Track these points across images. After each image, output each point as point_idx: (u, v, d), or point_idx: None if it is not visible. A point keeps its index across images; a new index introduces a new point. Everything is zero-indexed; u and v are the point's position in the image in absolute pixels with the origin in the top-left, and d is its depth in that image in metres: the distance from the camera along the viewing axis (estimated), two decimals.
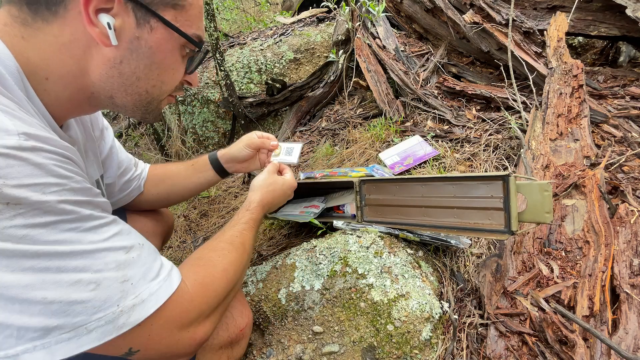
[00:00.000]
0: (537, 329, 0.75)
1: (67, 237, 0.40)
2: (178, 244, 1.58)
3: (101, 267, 0.42)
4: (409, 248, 0.95)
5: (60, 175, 0.41)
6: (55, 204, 0.39)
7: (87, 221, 0.43)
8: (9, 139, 0.37)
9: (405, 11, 2.16)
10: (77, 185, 0.43)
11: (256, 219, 0.80)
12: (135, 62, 0.51)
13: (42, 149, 0.40)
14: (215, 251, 0.65)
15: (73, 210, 0.41)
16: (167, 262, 0.54)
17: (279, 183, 0.90)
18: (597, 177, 1.01)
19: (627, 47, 1.76)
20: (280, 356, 0.79)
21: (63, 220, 0.40)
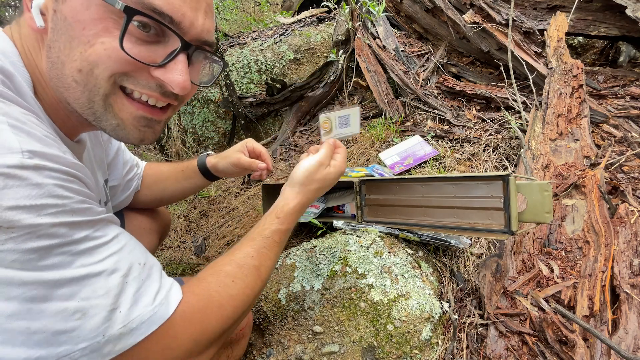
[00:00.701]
0: (537, 329, 0.75)
1: (57, 261, 0.38)
2: (178, 244, 1.58)
3: (89, 294, 0.40)
4: (409, 248, 0.95)
5: (59, 196, 0.39)
6: (48, 227, 0.37)
7: (80, 243, 0.41)
8: (12, 157, 0.36)
9: (405, 11, 2.16)
10: (77, 205, 0.41)
11: (286, 231, 0.67)
12: (57, 43, 0.44)
13: (45, 168, 0.38)
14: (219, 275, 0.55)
15: (67, 233, 0.39)
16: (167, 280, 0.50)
17: (329, 177, 0.72)
18: (597, 177, 1.01)
19: (627, 47, 1.76)
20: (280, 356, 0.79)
21: (55, 244, 0.38)
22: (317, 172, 0.71)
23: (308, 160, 0.71)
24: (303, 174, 0.70)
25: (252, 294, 0.58)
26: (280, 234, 0.66)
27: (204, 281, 0.53)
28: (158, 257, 1.46)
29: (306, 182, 0.70)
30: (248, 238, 0.64)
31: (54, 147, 0.41)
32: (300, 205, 0.69)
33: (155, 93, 0.49)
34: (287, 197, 0.70)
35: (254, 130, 2.36)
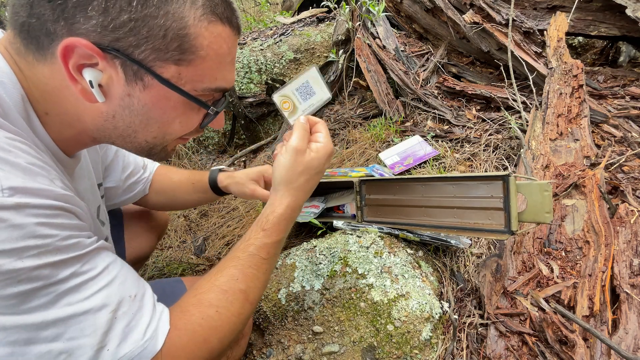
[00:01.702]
0: (537, 329, 0.75)
1: (41, 303, 0.37)
2: (178, 244, 1.58)
3: (75, 334, 0.38)
4: (409, 248, 0.95)
5: (42, 236, 0.37)
6: (30, 271, 0.36)
7: (66, 282, 0.39)
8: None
9: (405, 11, 2.16)
10: (62, 243, 0.39)
11: (274, 243, 0.60)
12: (129, 118, 0.46)
13: (26, 205, 0.36)
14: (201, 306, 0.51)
15: (51, 274, 0.37)
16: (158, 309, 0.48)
17: (313, 163, 0.61)
18: (597, 177, 1.01)
19: (627, 47, 1.76)
20: (280, 356, 0.79)
21: (38, 287, 0.37)
22: (297, 163, 0.60)
23: (282, 154, 0.61)
24: (282, 171, 0.61)
25: (240, 320, 0.54)
26: (268, 248, 0.58)
27: (187, 313, 0.50)
28: (158, 257, 1.46)
29: (289, 180, 0.61)
30: (232, 256, 0.57)
31: (39, 178, 0.39)
32: (290, 210, 0.61)
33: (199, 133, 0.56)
34: (272, 202, 0.61)
35: (254, 130, 2.36)
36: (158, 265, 1.40)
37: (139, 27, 0.40)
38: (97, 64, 0.41)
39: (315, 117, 0.67)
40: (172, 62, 0.43)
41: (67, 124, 0.48)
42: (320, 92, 0.70)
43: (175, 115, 0.48)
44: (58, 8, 0.38)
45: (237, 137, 2.41)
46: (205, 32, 0.44)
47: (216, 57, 0.46)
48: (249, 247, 0.58)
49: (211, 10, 0.43)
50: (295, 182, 0.61)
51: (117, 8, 0.38)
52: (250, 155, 2.21)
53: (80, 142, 0.53)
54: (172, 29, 0.41)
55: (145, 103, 0.45)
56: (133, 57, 0.41)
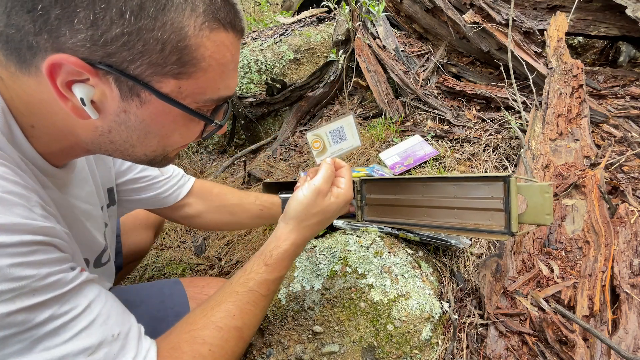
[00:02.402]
0: (537, 329, 0.75)
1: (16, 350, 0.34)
2: (178, 244, 1.58)
3: None
4: (409, 248, 0.95)
5: (17, 278, 0.34)
6: (3, 318, 0.33)
7: (43, 326, 0.36)
8: None
9: (405, 11, 2.16)
10: (39, 283, 0.36)
11: (275, 280, 0.58)
12: (126, 133, 0.43)
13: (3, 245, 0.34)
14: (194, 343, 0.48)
15: (26, 319, 0.35)
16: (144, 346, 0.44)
17: (331, 208, 0.60)
18: (597, 177, 1.01)
19: (627, 47, 1.76)
20: (280, 356, 0.79)
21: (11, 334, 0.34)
22: (315, 204, 0.59)
23: (303, 190, 0.60)
24: (298, 207, 0.59)
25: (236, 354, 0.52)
26: (269, 284, 0.56)
27: (178, 350, 0.46)
28: (158, 257, 1.46)
29: (302, 217, 0.59)
30: (230, 290, 0.54)
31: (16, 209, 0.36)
32: (295, 246, 0.59)
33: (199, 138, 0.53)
34: (279, 236, 0.59)
35: (254, 130, 2.37)
36: (158, 265, 1.40)
37: (133, 41, 0.36)
38: (88, 80, 0.37)
39: (342, 161, 0.66)
40: (171, 76, 0.40)
41: (57, 137, 0.45)
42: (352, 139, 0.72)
43: (175, 128, 0.46)
44: (39, 20, 0.33)
45: (237, 137, 2.41)
46: (207, 42, 0.39)
47: (219, 67, 0.42)
48: (249, 282, 0.55)
49: (213, 16, 0.39)
50: (308, 221, 0.59)
51: (107, 21, 0.34)
52: (250, 155, 2.21)
53: (72, 154, 0.50)
54: (170, 42, 0.37)
55: (143, 119, 0.42)
56: (128, 72, 0.38)
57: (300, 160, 1.88)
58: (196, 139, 0.51)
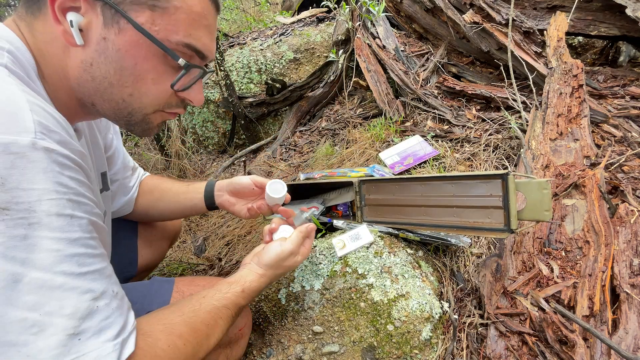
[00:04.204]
0: (537, 329, 0.75)
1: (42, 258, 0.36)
2: (178, 244, 1.58)
3: (54, 309, 0.37)
4: (409, 248, 0.95)
5: (61, 184, 0.38)
6: (44, 216, 0.36)
7: (72, 245, 0.39)
8: (24, 137, 0.36)
9: (405, 11, 2.16)
10: (76, 197, 0.40)
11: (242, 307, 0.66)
12: (105, 66, 0.47)
13: (54, 151, 0.38)
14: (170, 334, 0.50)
15: (61, 227, 0.38)
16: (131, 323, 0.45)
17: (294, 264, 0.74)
18: (597, 177, 1.01)
19: (627, 47, 1.76)
20: (280, 356, 0.79)
21: (46, 237, 0.36)
22: (287, 260, 0.72)
23: (281, 246, 0.72)
24: (275, 258, 0.71)
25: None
26: (238, 308, 0.64)
27: (152, 337, 0.47)
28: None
29: (274, 266, 0.71)
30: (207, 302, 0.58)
31: (64, 131, 0.42)
32: (264, 286, 0.70)
33: (181, 109, 0.57)
34: (256, 274, 0.69)
35: (254, 130, 2.37)
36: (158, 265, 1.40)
37: None
38: (80, 8, 0.44)
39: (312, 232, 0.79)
40: (147, 7, 0.45)
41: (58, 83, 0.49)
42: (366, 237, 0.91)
43: (148, 68, 0.48)
44: None
45: (237, 137, 2.41)
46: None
47: (190, 13, 0.48)
48: (225, 300, 0.61)
49: None
50: (277, 270, 0.71)
51: None
52: (250, 155, 2.21)
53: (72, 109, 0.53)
54: None
55: (118, 48, 0.46)
56: (118, 7, 0.44)
57: (300, 160, 1.88)
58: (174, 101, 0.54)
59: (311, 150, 1.93)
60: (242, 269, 0.71)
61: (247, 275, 0.68)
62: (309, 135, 2.07)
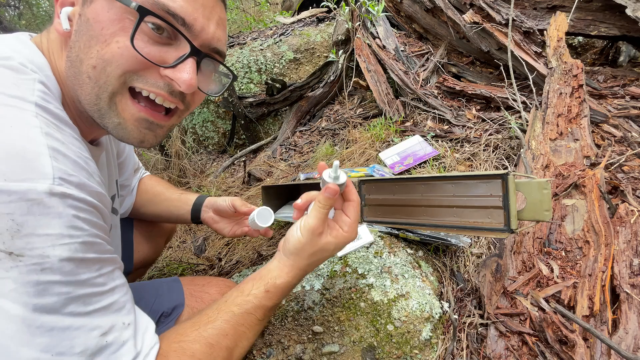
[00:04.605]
0: (537, 329, 0.75)
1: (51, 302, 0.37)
2: (178, 244, 1.58)
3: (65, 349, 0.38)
4: (409, 248, 0.95)
5: (75, 227, 0.39)
6: (56, 261, 0.37)
7: (80, 287, 0.39)
8: (42, 183, 0.37)
9: (405, 11, 2.16)
10: (89, 239, 0.41)
11: (272, 308, 0.58)
12: (78, 43, 0.46)
13: (70, 196, 0.39)
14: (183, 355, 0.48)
15: (72, 271, 0.38)
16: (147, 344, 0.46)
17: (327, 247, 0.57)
18: (597, 177, 1.01)
19: (627, 47, 1.76)
20: (280, 356, 0.79)
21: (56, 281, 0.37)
22: (312, 244, 0.56)
23: (297, 228, 0.57)
24: (296, 245, 0.57)
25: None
26: (265, 311, 0.56)
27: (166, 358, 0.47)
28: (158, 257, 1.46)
29: (301, 255, 0.57)
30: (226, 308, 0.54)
31: (83, 172, 0.42)
32: (296, 281, 0.59)
33: (162, 92, 0.50)
34: (282, 267, 0.58)
35: (254, 130, 2.37)
36: (158, 265, 1.40)
37: None
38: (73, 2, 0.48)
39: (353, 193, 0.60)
40: None
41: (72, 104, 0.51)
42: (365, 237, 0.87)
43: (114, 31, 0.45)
44: None
45: (237, 137, 2.41)
46: None
47: None
48: (246, 304, 0.54)
49: None
50: (306, 259, 0.58)
51: None
52: (250, 155, 2.21)
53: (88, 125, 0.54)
54: None
55: (88, 18, 0.46)
56: None
57: (300, 160, 1.88)
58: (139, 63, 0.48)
59: (311, 150, 1.93)
60: (273, 258, 0.61)
61: (273, 270, 0.58)
62: (309, 135, 2.07)
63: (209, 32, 0.50)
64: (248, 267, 1.19)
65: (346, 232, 0.58)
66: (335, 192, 0.55)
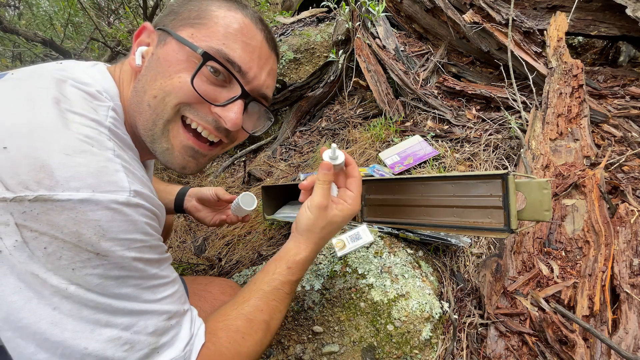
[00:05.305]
0: (537, 329, 0.75)
1: (129, 292, 0.44)
2: (178, 244, 1.58)
3: (141, 328, 0.45)
4: (409, 248, 0.95)
5: (146, 233, 0.46)
6: (131, 261, 0.43)
7: (150, 280, 0.46)
8: (122, 194, 0.43)
9: (405, 11, 2.16)
10: (155, 242, 0.47)
11: (296, 281, 0.64)
12: (146, 76, 0.55)
13: (142, 206, 0.45)
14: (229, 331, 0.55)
15: (143, 268, 0.45)
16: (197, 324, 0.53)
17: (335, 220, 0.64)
18: (597, 177, 1.01)
19: (627, 47, 1.76)
20: (280, 356, 0.79)
21: (131, 276, 0.44)
22: (320, 218, 0.63)
23: (305, 208, 0.65)
24: (307, 222, 0.64)
25: (261, 349, 0.58)
26: (291, 285, 0.63)
27: (215, 335, 0.54)
28: None
29: (313, 230, 0.64)
30: (256, 288, 0.61)
31: (146, 188, 0.48)
32: (313, 255, 0.65)
33: (209, 126, 0.58)
34: (299, 244, 0.65)
35: None
36: None
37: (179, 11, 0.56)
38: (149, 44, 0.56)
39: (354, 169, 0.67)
40: (189, 25, 0.54)
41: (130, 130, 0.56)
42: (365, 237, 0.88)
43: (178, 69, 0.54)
44: None
45: None
46: (221, 10, 0.55)
47: (226, 27, 0.54)
48: (274, 282, 0.61)
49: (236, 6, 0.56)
50: (318, 234, 0.64)
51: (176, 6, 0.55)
52: (250, 155, 2.21)
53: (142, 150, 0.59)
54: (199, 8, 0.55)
55: (159, 57, 0.55)
56: (167, 28, 0.55)
57: (300, 160, 1.88)
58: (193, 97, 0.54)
59: (311, 150, 1.93)
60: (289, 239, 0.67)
61: (291, 249, 0.65)
62: (309, 135, 2.07)
63: (261, 80, 0.58)
64: (248, 267, 1.19)
65: (350, 204, 0.65)
66: (329, 167, 0.63)
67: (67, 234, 0.39)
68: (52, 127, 0.41)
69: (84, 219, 0.39)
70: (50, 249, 0.38)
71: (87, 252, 0.40)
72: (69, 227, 0.39)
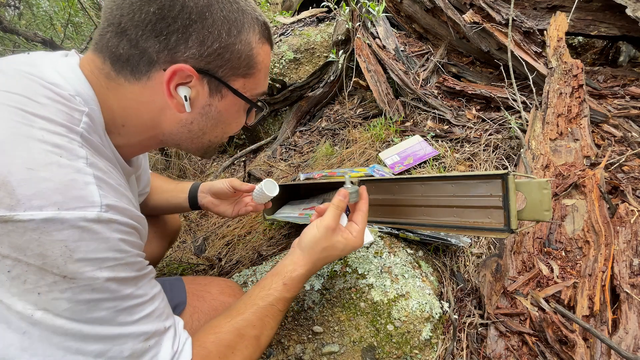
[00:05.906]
0: (537, 329, 0.75)
1: (102, 315, 0.42)
2: (178, 244, 1.58)
3: (116, 354, 0.43)
4: (409, 248, 0.95)
5: (120, 250, 0.43)
6: (103, 282, 0.41)
7: (125, 300, 0.44)
8: (91, 210, 0.40)
9: (405, 11, 2.16)
10: (131, 259, 0.45)
11: (290, 299, 0.64)
12: (204, 123, 0.58)
13: (116, 221, 0.43)
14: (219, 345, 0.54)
15: (117, 289, 0.43)
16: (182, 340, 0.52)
17: (337, 246, 0.67)
18: (597, 177, 1.01)
19: (627, 47, 1.76)
20: (280, 356, 0.79)
21: (105, 298, 0.41)
22: (326, 238, 0.66)
23: (314, 225, 0.67)
24: (312, 239, 0.66)
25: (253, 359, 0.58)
26: (285, 302, 0.63)
27: (205, 349, 0.53)
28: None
29: (314, 248, 0.66)
30: (251, 302, 0.61)
31: (124, 198, 0.46)
32: (309, 273, 0.66)
33: None
34: (296, 261, 0.66)
35: (254, 130, 2.36)
36: (158, 265, 1.40)
37: (223, 53, 0.52)
38: (190, 82, 0.52)
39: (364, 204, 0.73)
40: (241, 76, 0.56)
41: (141, 130, 0.56)
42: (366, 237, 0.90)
43: (236, 117, 0.61)
44: (163, 42, 0.48)
45: (237, 137, 2.41)
46: (261, 52, 0.57)
47: (264, 69, 0.59)
48: (269, 297, 0.62)
49: (261, 33, 0.56)
50: (319, 253, 0.66)
51: (210, 39, 0.50)
52: (250, 155, 2.21)
53: (144, 146, 0.60)
54: (244, 52, 0.54)
55: (220, 110, 0.57)
56: (217, 75, 0.53)
57: (300, 160, 1.88)
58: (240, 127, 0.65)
59: (311, 150, 1.93)
60: (288, 254, 0.68)
61: (288, 265, 0.65)
62: (309, 135, 2.07)
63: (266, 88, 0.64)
64: (248, 267, 1.19)
65: (354, 237, 0.69)
66: (345, 195, 0.70)
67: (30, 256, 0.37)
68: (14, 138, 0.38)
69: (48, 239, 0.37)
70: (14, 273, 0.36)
71: (52, 275, 0.37)
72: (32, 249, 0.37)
